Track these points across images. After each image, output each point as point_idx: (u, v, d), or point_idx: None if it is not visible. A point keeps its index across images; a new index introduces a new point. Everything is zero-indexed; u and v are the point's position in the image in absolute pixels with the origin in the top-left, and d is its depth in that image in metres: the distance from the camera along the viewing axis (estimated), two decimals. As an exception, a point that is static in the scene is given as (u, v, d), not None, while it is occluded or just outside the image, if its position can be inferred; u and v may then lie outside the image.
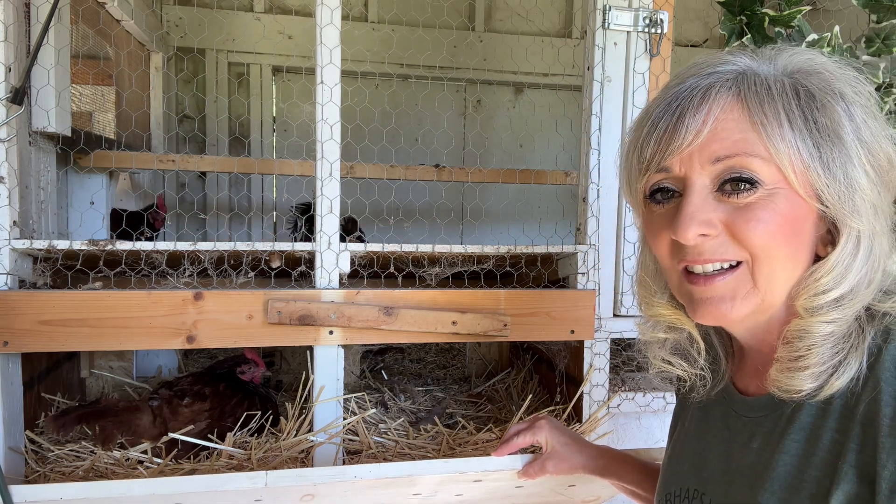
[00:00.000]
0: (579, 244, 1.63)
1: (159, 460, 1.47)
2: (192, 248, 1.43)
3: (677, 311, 0.84)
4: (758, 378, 0.80)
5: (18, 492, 1.13)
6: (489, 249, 1.58)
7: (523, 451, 1.29)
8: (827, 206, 0.68)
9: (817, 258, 0.71)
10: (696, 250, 0.71)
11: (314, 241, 1.48)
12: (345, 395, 1.53)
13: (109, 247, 1.38)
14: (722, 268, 0.72)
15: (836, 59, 0.72)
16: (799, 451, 0.69)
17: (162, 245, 1.41)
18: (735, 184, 0.69)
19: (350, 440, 1.59)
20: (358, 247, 1.51)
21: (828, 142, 0.67)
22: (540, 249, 1.62)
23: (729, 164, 0.68)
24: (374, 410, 1.80)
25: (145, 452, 1.50)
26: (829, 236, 0.71)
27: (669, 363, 0.87)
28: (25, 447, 1.45)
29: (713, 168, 0.70)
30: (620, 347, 2.12)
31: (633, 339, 1.74)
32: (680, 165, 0.71)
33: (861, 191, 0.67)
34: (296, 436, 1.50)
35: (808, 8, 1.27)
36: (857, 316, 0.69)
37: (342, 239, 1.50)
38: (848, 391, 0.66)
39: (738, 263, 0.71)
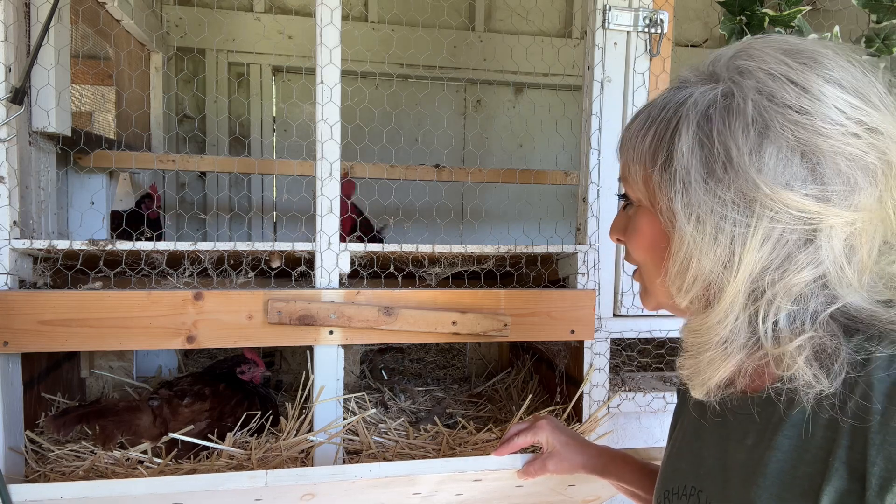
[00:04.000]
0: (579, 244, 1.63)
1: (159, 460, 1.47)
2: (192, 248, 1.43)
3: None
4: (751, 375, 0.80)
5: (18, 491, 1.13)
6: (489, 249, 1.58)
7: (524, 450, 1.29)
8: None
9: None
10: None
11: (314, 241, 1.48)
12: (345, 395, 1.54)
13: (109, 247, 1.38)
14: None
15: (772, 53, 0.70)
16: (791, 447, 0.69)
17: (162, 245, 1.41)
18: (624, 198, 0.83)
19: (350, 440, 1.59)
20: (358, 247, 1.51)
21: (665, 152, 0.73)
22: (540, 249, 1.62)
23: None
24: (374, 410, 1.80)
25: (145, 452, 1.50)
26: None
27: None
28: (25, 447, 1.46)
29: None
30: (620, 347, 2.12)
31: (633, 338, 1.74)
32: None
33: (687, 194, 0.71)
34: (296, 436, 1.50)
35: (808, 8, 1.27)
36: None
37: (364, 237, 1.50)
38: (840, 390, 0.66)
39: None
